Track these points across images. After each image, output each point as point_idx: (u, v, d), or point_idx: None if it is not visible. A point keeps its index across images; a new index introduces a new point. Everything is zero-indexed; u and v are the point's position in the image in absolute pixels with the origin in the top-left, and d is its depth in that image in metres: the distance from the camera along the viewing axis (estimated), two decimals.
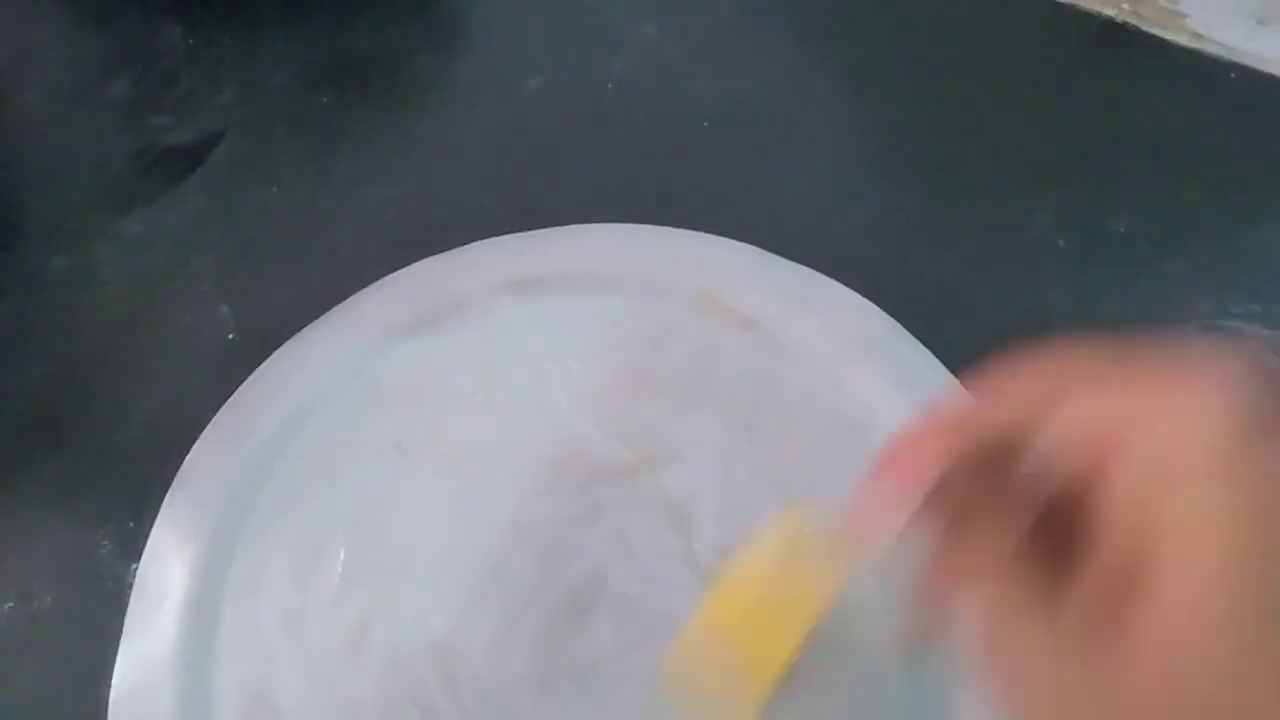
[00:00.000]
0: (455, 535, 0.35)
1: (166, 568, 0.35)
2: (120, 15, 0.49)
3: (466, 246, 0.40)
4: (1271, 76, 0.46)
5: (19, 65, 0.48)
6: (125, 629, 0.34)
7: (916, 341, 0.37)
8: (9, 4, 0.50)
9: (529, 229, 0.41)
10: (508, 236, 0.41)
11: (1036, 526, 0.21)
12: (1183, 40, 0.47)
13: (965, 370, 0.36)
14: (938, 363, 0.37)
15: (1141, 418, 0.19)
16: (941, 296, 0.41)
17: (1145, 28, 0.48)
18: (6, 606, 0.35)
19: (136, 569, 0.35)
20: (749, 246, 0.39)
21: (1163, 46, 0.47)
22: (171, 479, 0.36)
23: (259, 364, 0.38)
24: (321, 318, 0.39)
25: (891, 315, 0.39)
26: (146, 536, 0.35)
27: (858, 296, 0.38)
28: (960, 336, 0.39)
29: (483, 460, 0.36)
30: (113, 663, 0.33)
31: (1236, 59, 0.46)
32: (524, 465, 0.36)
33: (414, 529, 0.35)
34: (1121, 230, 0.42)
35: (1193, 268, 0.41)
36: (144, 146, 0.45)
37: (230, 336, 0.40)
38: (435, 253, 0.41)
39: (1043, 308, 0.40)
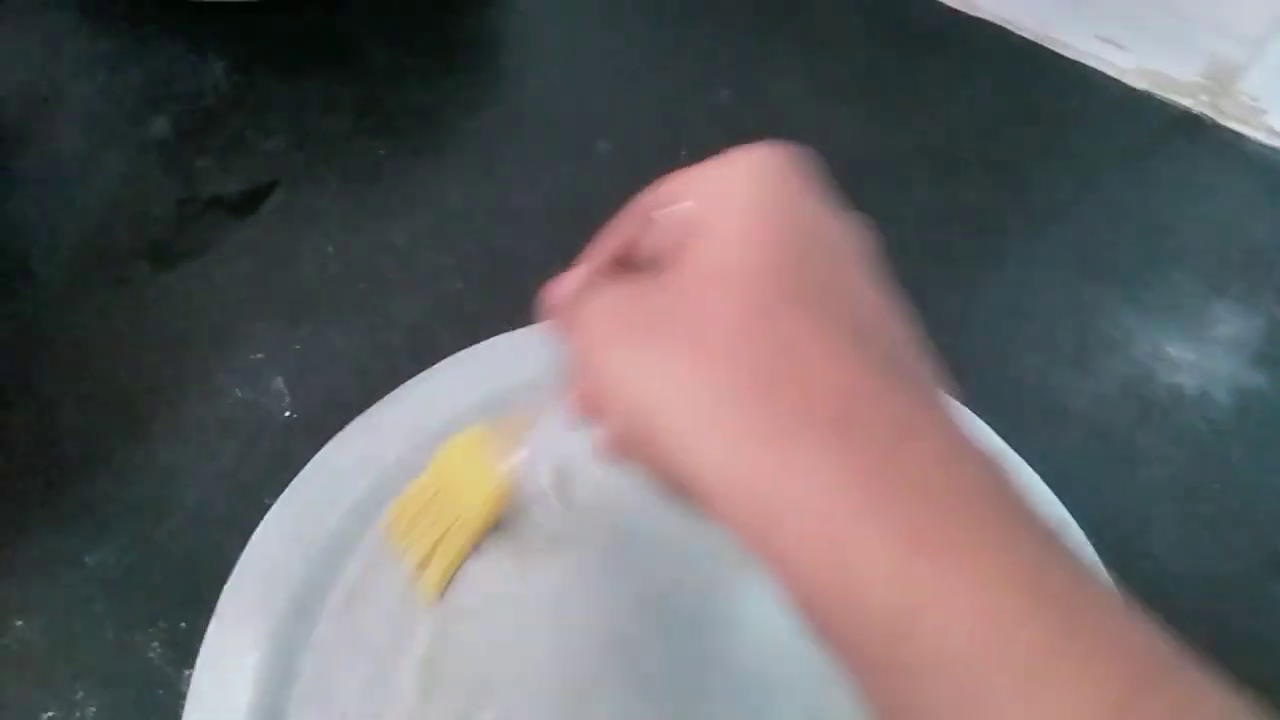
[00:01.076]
0: (539, 649, 0.33)
1: (225, 675, 0.32)
2: (159, 46, 0.46)
3: (537, 325, 0.38)
4: None
5: (47, 100, 0.44)
6: None
7: (1016, 456, 0.36)
8: (34, 31, 0.46)
9: None
10: None
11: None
12: (1260, 136, 0.47)
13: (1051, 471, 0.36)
14: (1039, 480, 0.36)
15: (706, 170, 0.24)
16: (1024, 394, 0.40)
17: (1223, 121, 0.47)
18: (46, 716, 0.32)
19: (191, 675, 0.32)
20: None
21: (1240, 141, 0.47)
22: (226, 573, 0.34)
23: (318, 444, 0.36)
24: (386, 398, 0.37)
25: (976, 412, 0.37)
26: (201, 638, 0.32)
27: (953, 405, 0.37)
28: (1047, 436, 0.38)
29: (565, 567, 0.34)
30: None
31: None
32: (610, 575, 0.34)
33: (495, 640, 0.33)
34: (1208, 335, 0.41)
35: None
36: (188, 195, 0.42)
37: (287, 414, 0.37)
38: (501, 327, 0.39)
39: (1139, 415, 0.40)
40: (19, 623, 0.33)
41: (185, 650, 0.33)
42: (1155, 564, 0.36)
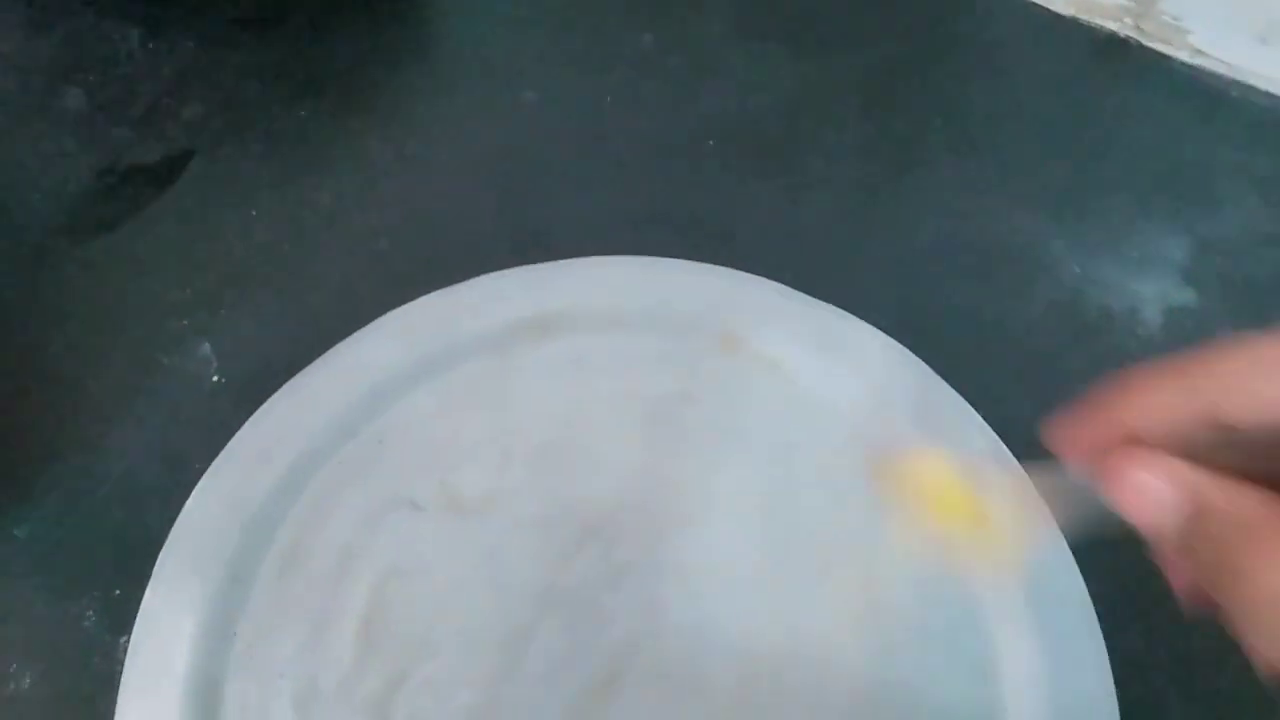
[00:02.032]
0: (479, 601, 0.33)
1: (162, 641, 0.32)
2: (71, 15, 0.45)
3: (470, 282, 0.38)
4: (1271, 95, 0.46)
5: None
6: (118, 711, 0.31)
7: (949, 388, 0.36)
8: None
9: (531, 257, 0.39)
10: (514, 270, 0.38)
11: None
12: (1184, 56, 0.47)
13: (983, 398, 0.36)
14: (971, 410, 0.36)
15: None
16: (964, 327, 0.40)
17: (1147, 43, 0.47)
18: None
19: (127, 642, 0.32)
20: (769, 283, 0.38)
21: (1164, 62, 0.47)
22: (159, 539, 0.33)
23: (248, 409, 0.36)
24: (317, 361, 0.36)
25: (915, 350, 0.37)
26: (136, 605, 0.32)
27: (886, 338, 0.37)
28: (978, 363, 0.38)
29: (503, 518, 0.34)
30: None
31: (1238, 76, 0.46)
32: (547, 523, 0.34)
33: (434, 595, 0.33)
34: (1135, 255, 0.42)
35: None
36: (105, 166, 0.41)
37: (215, 379, 0.37)
38: (433, 286, 0.38)
39: (1071, 338, 0.40)
40: None
41: (120, 617, 0.32)
42: None
